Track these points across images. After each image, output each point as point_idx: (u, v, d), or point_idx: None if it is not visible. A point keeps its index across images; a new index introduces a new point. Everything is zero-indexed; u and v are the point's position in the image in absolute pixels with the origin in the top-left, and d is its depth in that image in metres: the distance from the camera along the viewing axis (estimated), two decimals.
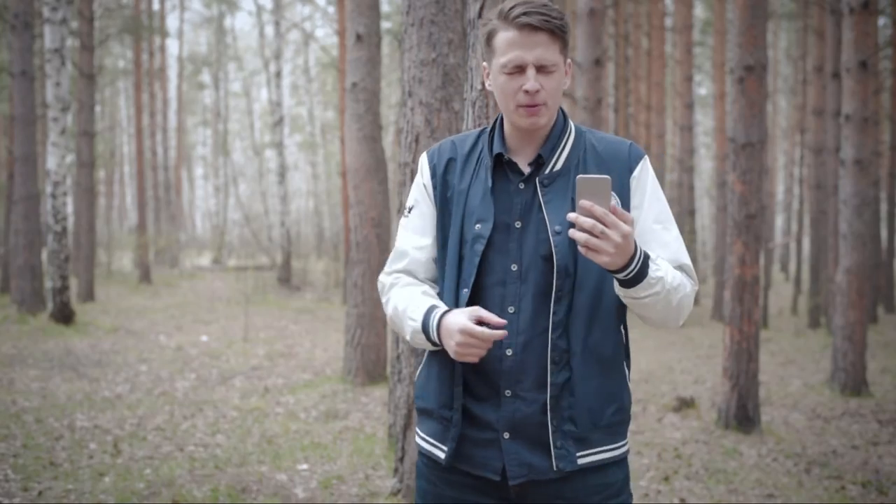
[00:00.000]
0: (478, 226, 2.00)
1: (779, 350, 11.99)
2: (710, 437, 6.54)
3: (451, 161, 2.10)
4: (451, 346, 1.91)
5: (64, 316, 11.86)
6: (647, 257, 1.87)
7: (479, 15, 3.35)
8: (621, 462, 2.06)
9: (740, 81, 6.94)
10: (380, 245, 8.14)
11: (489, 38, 1.98)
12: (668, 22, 22.97)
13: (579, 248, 1.81)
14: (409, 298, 2.06)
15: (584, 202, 1.77)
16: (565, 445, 1.96)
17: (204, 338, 11.86)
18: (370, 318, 8.21)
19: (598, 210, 1.76)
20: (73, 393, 7.63)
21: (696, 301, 19.19)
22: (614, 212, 1.77)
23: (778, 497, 5.09)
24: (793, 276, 22.36)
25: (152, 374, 8.80)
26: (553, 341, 1.95)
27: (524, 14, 1.90)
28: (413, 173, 4.68)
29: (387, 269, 2.17)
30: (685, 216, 18.94)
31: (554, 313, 1.95)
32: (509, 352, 1.97)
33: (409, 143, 4.67)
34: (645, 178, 2.03)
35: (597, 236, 1.77)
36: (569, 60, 2.01)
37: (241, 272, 21.04)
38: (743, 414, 6.77)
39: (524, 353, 1.96)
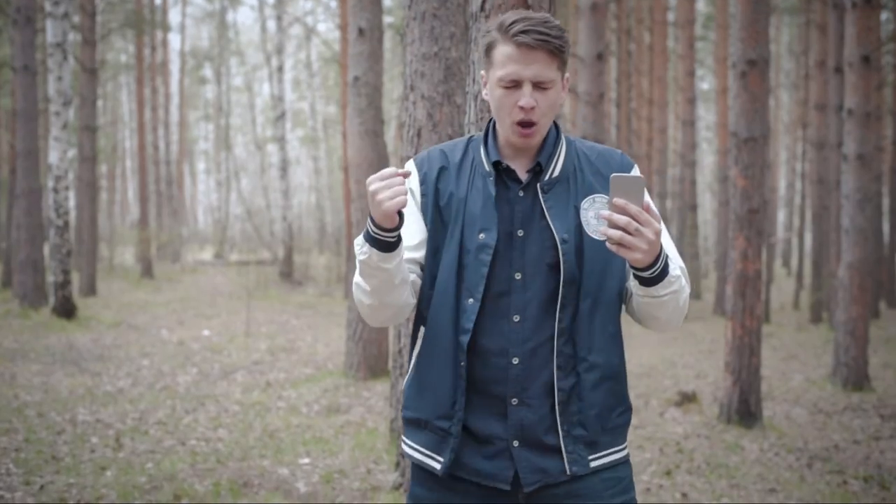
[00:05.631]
0: (481, 235, 1.97)
1: (781, 345, 11.98)
2: (711, 432, 6.54)
3: (443, 169, 2.06)
4: (377, 208, 1.83)
5: (66, 310, 11.87)
6: (667, 255, 1.90)
7: (482, 8, 3.33)
8: (627, 460, 2.09)
9: (742, 76, 6.93)
10: None
11: (488, 49, 1.98)
12: (671, 16, 22.92)
13: (609, 245, 1.82)
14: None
15: (618, 200, 1.80)
16: (577, 450, 1.98)
17: (206, 332, 11.87)
18: None
19: (633, 208, 1.79)
20: (74, 387, 7.65)
21: (698, 296, 19.22)
22: (647, 210, 1.80)
23: (779, 492, 5.09)
24: (795, 271, 22.33)
25: (154, 369, 8.81)
26: (559, 348, 1.96)
27: (523, 32, 1.89)
28: None
29: None
30: (687, 211, 18.92)
31: (559, 320, 1.96)
32: (515, 360, 1.97)
33: (411, 138, 4.66)
34: None
35: (631, 234, 1.79)
36: (566, 75, 2.01)
37: (243, 267, 21.07)
38: (745, 409, 6.77)
39: (530, 361, 1.97)
